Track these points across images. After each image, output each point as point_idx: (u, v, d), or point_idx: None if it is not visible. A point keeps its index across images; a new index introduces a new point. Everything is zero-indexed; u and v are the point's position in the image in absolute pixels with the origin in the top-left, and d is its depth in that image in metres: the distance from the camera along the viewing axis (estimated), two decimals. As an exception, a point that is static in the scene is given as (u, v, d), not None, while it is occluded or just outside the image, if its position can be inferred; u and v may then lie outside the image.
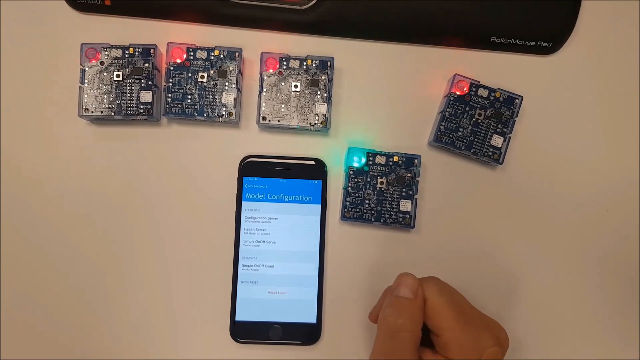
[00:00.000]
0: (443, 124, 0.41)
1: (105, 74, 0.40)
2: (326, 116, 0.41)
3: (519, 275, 0.43)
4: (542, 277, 0.43)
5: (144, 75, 0.40)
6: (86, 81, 0.40)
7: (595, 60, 0.44)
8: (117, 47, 0.40)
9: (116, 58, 0.40)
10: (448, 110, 0.41)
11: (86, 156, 0.42)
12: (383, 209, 0.41)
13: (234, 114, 0.40)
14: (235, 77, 0.41)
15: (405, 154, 0.41)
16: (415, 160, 0.41)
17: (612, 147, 0.44)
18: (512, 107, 0.41)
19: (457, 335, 0.33)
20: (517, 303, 0.43)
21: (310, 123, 0.41)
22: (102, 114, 0.40)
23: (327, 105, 0.41)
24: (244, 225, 0.41)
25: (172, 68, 0.40)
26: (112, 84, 0.40)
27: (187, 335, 0.41)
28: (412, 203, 0.41)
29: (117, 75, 0.40)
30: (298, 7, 0.41)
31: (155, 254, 0.42)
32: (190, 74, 0.40)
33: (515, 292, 0.43)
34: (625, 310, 0.43)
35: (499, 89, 0.41)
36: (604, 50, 0.44)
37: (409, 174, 0.41)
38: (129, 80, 0.40)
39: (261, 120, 0.41)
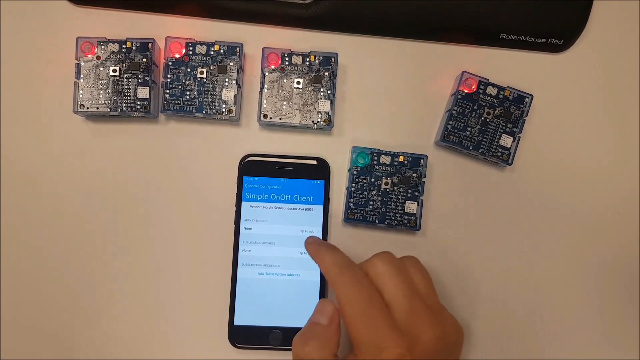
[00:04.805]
0: (450, 123, 0.40)
1: (101, 69, 0.39)
2: (329, 114, 0.40)
3: (527, 277, 0.42)
4: (549, 279, 0.42)
5: (141, 70, 0.39)
6: (82, 76, 0.39)
7: (607, 58, 0.43)
8: (114, 42, 0.39)
9: (113, 52, 0.39)
10: (456, 108, 0.40)
11: (81, 153, 0.41)
12: (388, 210, 0.40)
13: (234, 111, 0.39)
14: (235, 73, 0.40)
15: (411, 153, 0.40)
16: (422, 160, 0.40)
17: (625, 147, 0.43)
18: (522, 106, 0.40)
19: (355, 331, 0.31)
20: (523, 304, 0.42)
21: (312, 121, 0.40)
22: (98, 110, 0.39)
23: (331, 102, 0.40)
24: (243, 225, 0.40)
25: (170, 63, 0.39)
26: (108, 79, 0.39)
27: (184, 339, 0.41)
28: (417, 204, 0.40)
29: (114, 70, 0.39)
30: (301, 1, 0.41)
31: (151, 255, 0.41)
32: (189, 70, 0.39)
33: (522, 294, 0.42)
34: (627, 310, 0.42)
35: (508, 87, 0.40)
36: (616, 47, 0.43)
37: (414, 175, 0.40)
38: (126, 76, 0.39)
39: (262, 118, 0.40)
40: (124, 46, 0.39)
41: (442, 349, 0.32)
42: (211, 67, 0.40)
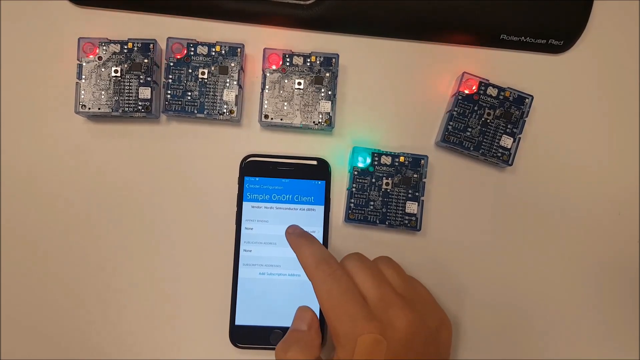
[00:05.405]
0: (451, 123, 0.40)
1: (103, 70, 0.39)
2: (330, 115, 0.40)
3: (527, 277, 0.42)
4: (549, 279, 0.42)
5: (142, 71, 0.39)
6: (83, 77, 0.39)
7: (607, 59, 0.43)
8: (115, 42, 0.39)
9: (114, 53, 0.39)
10: (456, 109, 0.40)
11: (83, 154, 0.41)
12: (388, 210, 0.40)
13: (235, 112, 0.39)
14: (236, 74, 0.40)
15: (412, 154, 0.40)
16: (422, 161, 0.40)
17: (625, 148, 0.43)
18: (522, 106, 0.40)
19: (332, 323, 0.31)
20: (523, 305, 0.42)
21: (313, 122, 0.40)
22: (100, 111, 0.39)
23: (332, 103, 0.40)
24: (244, 226, 0.40)
25: (171, 64, 0.39)
26: (110, 80, 0.39)
27: (185, 339, 0.41)
28: (418, 205, 0.40)
29: (115, 71, 0.39)
30: (302, 2, 0.41)
31: (152, 255, 0.41)
32: (190, 70, 0.40)
33: (522, 294, 0.42)
34: (626, 310, 0.42)
35: (508, 88, 0.40)
36: (616, 48, 0.43)
37: (415, 175, 0.40)
38: (128, 76, 0.39)
39: (263, 119, 0.40)
40: (125, 47, 0.39)
41: (422, 335, 0.32)
42: (212, 68, 0.40)
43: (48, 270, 0.41)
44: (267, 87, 0.40)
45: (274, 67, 0.40)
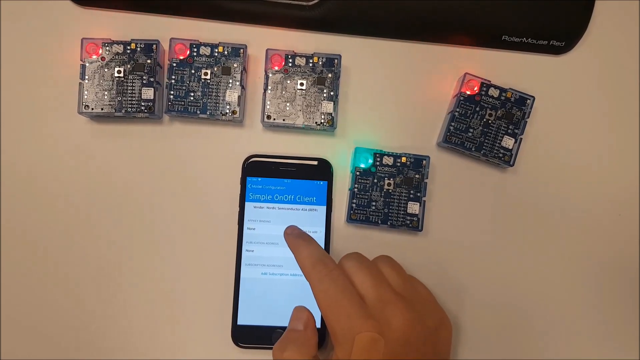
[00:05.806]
0: (452, 124, 0.40)
1: (106, 70, 0.39)
2: (332, 115, 0.40)
3: (528, 278, 0.42)
4: (550, 279, 0.42)
5: (145, 71, 0.39)
6: (86, 77, 0.39)
7: (609, 60, 0.43)
8: (118, 43, 0.39)
9: (117, 54, 0.39)
10: (458, 110, 0.40)
11: (85, 154, 0.41)
12: (390, 211, 0.40)
13: (237, 112, 0.40)
14: (239, 75, 0.40)
15: (414, 154, 0.40)
16: (424, 162, 0.40)
17: (626, 149, 0.43)
18: (523, 107, 0.40)
19: (330, 322, 0.32)
20: (524, 305, 0.42)
21: (316, 122, 0.40)
22: (103, 111, 0.39)
23: (334, 104, 0.40)
24: (246, 226, 0.40)
25: (174, 64, 0.40)
26: (113, 80, 0.39)
27: (187, 338, 0.41)
28: (420, 205, 0.40)
29: (118, 72, 0.39)
30: (304, 3, 0.41)
31: (155, 255, 0.41)
32: (193, 71, 0.40)
33: (523, 294, 0.42)
34: (626, 310, 0.42)
35: (510, 88, 0.40)
36: (617, 49, 0.43)
37: (417, 176, 0.40)
38: (131, 77, 0.39)
39: (266, 119, 0.40)
40: (128, 47, 0.39)
41: (420, 335, 0.32)
42: (215, 69, 0.40)
43: (48, 270, 0.41)
44: (269, 87, 0.40)
45: (276, 68, 0.40)
